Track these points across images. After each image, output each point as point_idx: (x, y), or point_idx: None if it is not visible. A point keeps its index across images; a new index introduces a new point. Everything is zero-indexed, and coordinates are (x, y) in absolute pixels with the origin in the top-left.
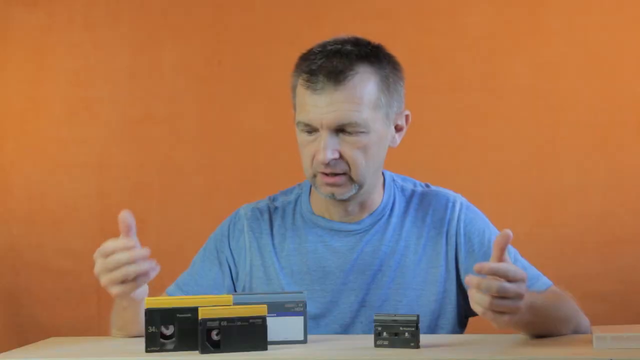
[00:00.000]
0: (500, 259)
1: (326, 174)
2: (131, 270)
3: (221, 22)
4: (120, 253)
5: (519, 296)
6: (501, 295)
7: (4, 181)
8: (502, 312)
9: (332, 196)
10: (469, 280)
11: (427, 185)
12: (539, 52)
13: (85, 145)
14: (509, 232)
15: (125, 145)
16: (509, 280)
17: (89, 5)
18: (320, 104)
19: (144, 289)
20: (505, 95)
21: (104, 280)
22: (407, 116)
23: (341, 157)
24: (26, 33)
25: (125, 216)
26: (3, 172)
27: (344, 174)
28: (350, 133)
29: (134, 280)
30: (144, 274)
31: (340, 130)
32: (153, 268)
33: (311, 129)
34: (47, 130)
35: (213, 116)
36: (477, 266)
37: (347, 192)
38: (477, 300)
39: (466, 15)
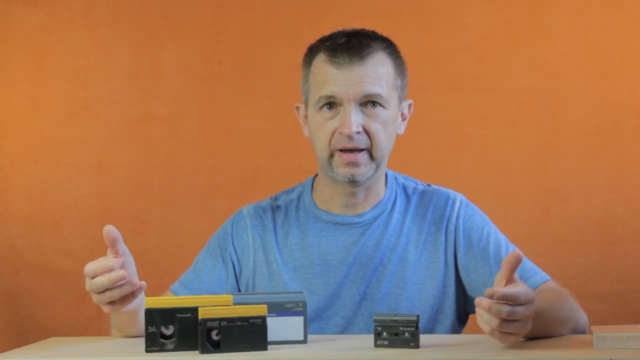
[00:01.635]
0: (509, 279)
1: (346, 151)
2: (114, 294)
3: (221, 22)
4: (101, 277)
5: (527, 318)
6: (510, 319)
7: (4, 181)
8: (509, 333)
9: (352, 177)
10: (479, 302)
11: (429, 185)
12: (539, 52)
13: (85, 145)
14: (519, 253)
15: (125, 145)
16: (520, 304)
17: (89, 5)
18: (344, 78)
19: (139, 298)
20: (505, 95)
21: (93, 299)
22: (410, 105)
23: (364, 131)
24: (26, 33)
25: (109, 229)
26: (3, 172)
27: (365, 149)
28: (373, 106)
29: (122, 300)
30: (130, 294)
31: (363, 104)
32: (139, 288)
33: (334, 103)
34: (47, 130)
35: (213, 116)
36: (488, 291)
37: (367, 171)
38: (486, 321)
39: (466, 15)
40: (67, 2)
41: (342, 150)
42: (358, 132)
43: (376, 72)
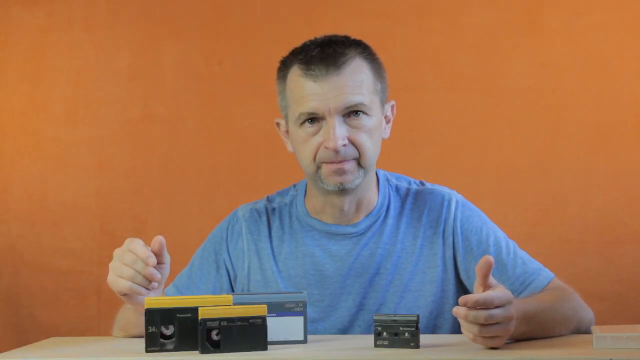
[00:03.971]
0: (485, 284)
1: (333, 162)
2: (138, 279)
3: (221, 22)
4: (139, 262)
5: (507, 320)
6: (489, 323)
7: (4, 181)
8: (492, 337)
9: (341, 186)
10: (456, 312)
11: (422, 183)
12: (539, 52)
13: (85, 145)
14: (489, 258)
15: (125, 145)
16: (496, 307)
17: (89, 5)
18: (323, 91)
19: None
20: (505, 95)
21: (112, 266)
22: (392, 106)
23: (350, 142)
24: (26, 33)
25: (161, 240)
26: (3, 172)
27: (353, 159)
28: (356, 116)
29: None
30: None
31: (346, 115)
32: (153, 287)
33: (315, 118)
34: (47, 130)
35: (213, 116)
36: (462, 299)
37: (355, 179)
38: (467, 328)
39: (466, 15)
40: (67, 2)
41: (329, 162)
42: (344, 145)
43: (355, 80)
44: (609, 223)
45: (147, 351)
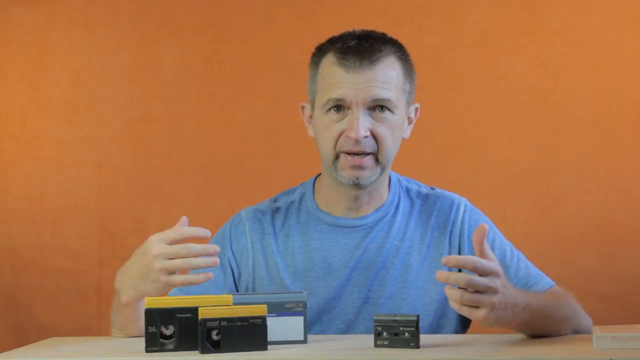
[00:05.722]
0: (481, 253)
1: (352, 154)
2: (197, 263)
3: (221, 22)
4: (196, 244)
5: (491, 290)
6: (471, 289)
7: (4, 181)
8: (476, 307)
9: (357, 180)
10: (439, 275)
11: (432, 188)
12: (539, 52)
13: (85, 145)
14: (484, 226)
15: (125, 145)
16: (479, 274)
17: (89, 5)
18: (354, 82)
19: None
20: (505, 95)
21: (162, 265)
22: (417, 109)
23: (371, 135)
24: (26, 33)
25: (185, 220)
26: (3, 172)
27: (371, 154)
28: (381, 111)
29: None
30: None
31: (371, 108)
32: (207, 272)
33: (342, 106)
34: (47, 130)
35: (213, 116)
36: (444, 259)
37: (372, 175)
38: (450, 296)
39: (466, 15)
40: (67, 2)
41: (348, 153)
42: (365, 137)
43: (386, 76)
44: (609, 223)
45: (147, 351)
